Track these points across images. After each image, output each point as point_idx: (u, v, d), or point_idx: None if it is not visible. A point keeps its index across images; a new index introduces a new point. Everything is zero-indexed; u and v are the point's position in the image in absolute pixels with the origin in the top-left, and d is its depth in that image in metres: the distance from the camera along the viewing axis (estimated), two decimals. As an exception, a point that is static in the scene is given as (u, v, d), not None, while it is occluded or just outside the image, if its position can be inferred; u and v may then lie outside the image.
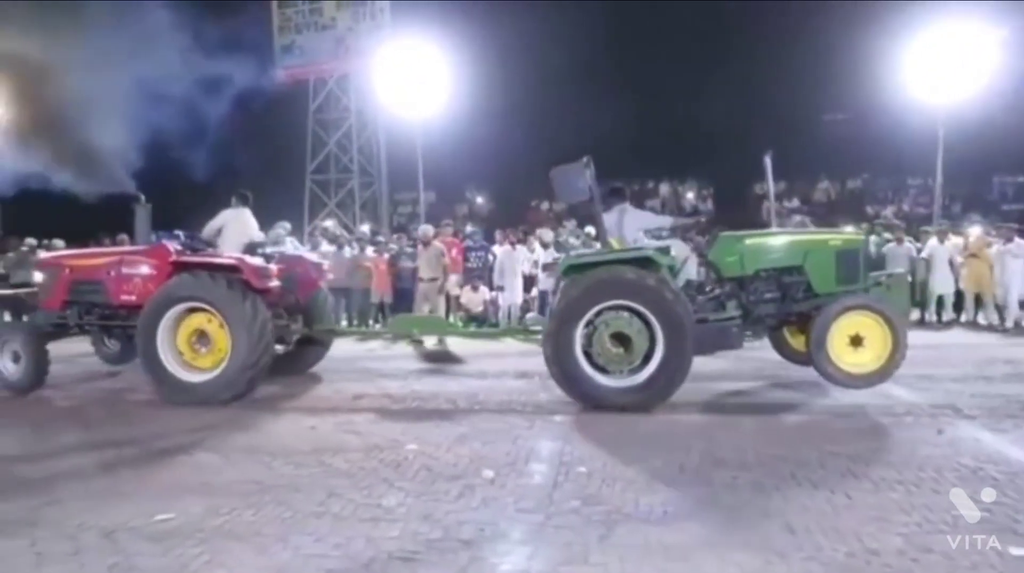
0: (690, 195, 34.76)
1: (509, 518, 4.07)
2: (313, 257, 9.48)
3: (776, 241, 7.32)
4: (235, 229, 8.37)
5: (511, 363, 8.84)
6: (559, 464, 5.01)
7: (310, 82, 24.87)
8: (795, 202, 30.65)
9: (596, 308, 6.57)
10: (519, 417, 6.40)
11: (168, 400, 7.16)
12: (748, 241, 7.21)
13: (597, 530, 3.84)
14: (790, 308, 7.15)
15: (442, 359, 9.77)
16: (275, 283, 7.80)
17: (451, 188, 29.05)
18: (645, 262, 6.69)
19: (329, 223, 15.20)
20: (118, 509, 4.27)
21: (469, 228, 16.10)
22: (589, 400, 6.63)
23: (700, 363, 6.71)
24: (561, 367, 6.61)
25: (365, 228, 14.99)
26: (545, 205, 28.23)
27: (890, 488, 4.37)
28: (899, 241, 12.81)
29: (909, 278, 8.15)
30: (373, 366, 9.07)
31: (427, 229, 11.74)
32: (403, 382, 8.09)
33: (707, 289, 7.27)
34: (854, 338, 6.72)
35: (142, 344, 7.27)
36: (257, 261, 7.74)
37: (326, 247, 12.62)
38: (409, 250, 12.60)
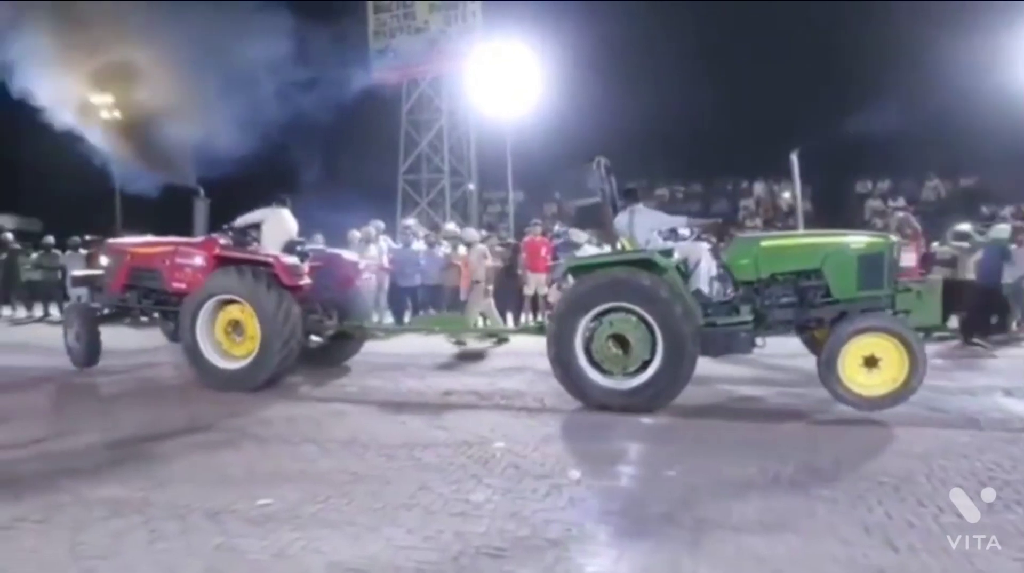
0: (787, 195, 33.58)
1: (596, 520, 4.04)
2: (352, 255, 9.79)
3: (793, 244, 7.08)
4: (274, 228, 8.70)
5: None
6: (647, 467, 4.94)
7: (403, 84, 25.46)
8: (900, 201, 29.10)
9: (596, 309, 6.58)
10: (606, 418, 6.35)
11: (204, 384, 7.70)
12: (763, 244, 7.00)
13: (687, 537, 3.77)
14: (808, 314, 6.82)
15: (529, 357, 9.79)
16: (306, 280, 8.17)
17: (540, 187, 29.12)
18: (647, 264, 6.62)
19: (411, 222, 15.51)
20: (223, 492, 4.50)
21: (557, 227, 16.13)
22: (588, 400, 6.64)
23: (798, 365, 6.48)
24: (563, 368, 6.65)
25: (452, 226, 15.21)
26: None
27: (1008, 509, 4.09)
28: (1020, 243, 11.96)
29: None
30: (460, 363, 9.19)
31: (471, 232, 12.07)
32: (490, 379, 8.17)
33: (725, 292, 7.03)
34: (868, 359, 6.30)
35: (184, 331, 7.81)
36: (291, 259, 8.10)
37: (418, 245, 12.87)
38: (498, 250, 12.71)
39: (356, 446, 5.52)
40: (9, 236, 16.63)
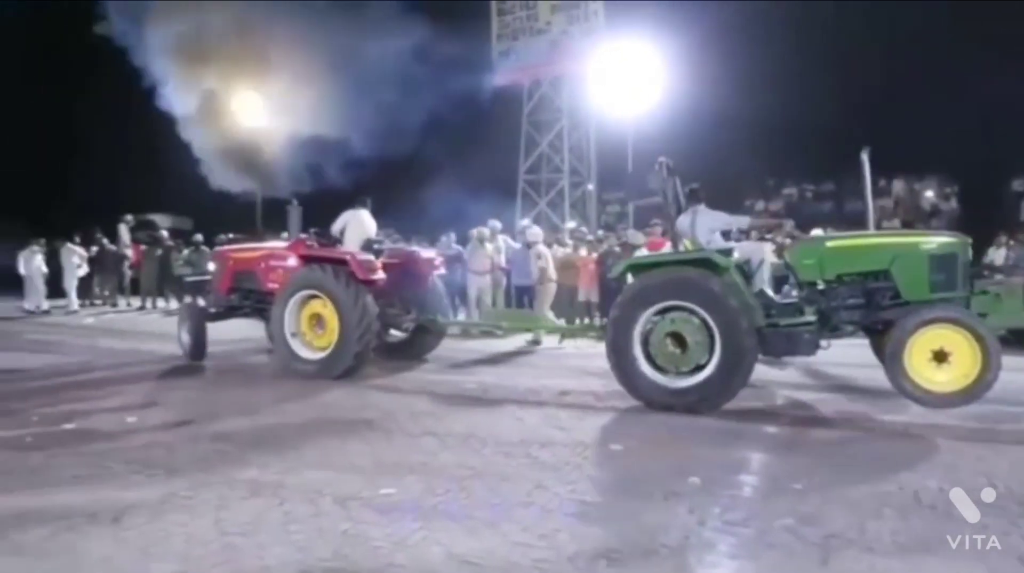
0: (929, 193, 31.33)
1: (716, 528, 3.93)
2: (428, 252, 10.16)
3: (860, 244, 6.89)
4: (355, 228, 9.20)
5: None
6: (772, 478, 4.75)
7: (525, 85, 25.70)
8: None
9: (658, 306, 6.62)
10: (729, 424, 6.16)
11: (290, 373, 8.35)
12: (828, 244, 6.89)
13: (814, 553, 3.59)
14: (876, 316, 6.61)
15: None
16: (380, 275, 8.53)
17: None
18: (707, 264, 6.62)
19: (525, 221, 15.62)
20: (350, 480, 4.71)
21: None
22: (636, 392, 6.70)
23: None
24: (618, 359, 6.75)
25: (571, 225, 15.21)
26: (760, 204, 26.86)
27: None
28: None
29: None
30: (578, 363, 9.18)
31: (536, 232, 12.12)
32: (606, 381, 8.06)
33: (791, 293, 6.96)
34: (938, 353, 6.07)
35: (273, 324, 8.54)
36: (366, 256, 8.57)
37: (540, 247, 12.93)
38: (617, 250, 12.59)
39: (474, 441, 5.64)
40: (164, 234, 18.12)
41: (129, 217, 18.01)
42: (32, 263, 16.16)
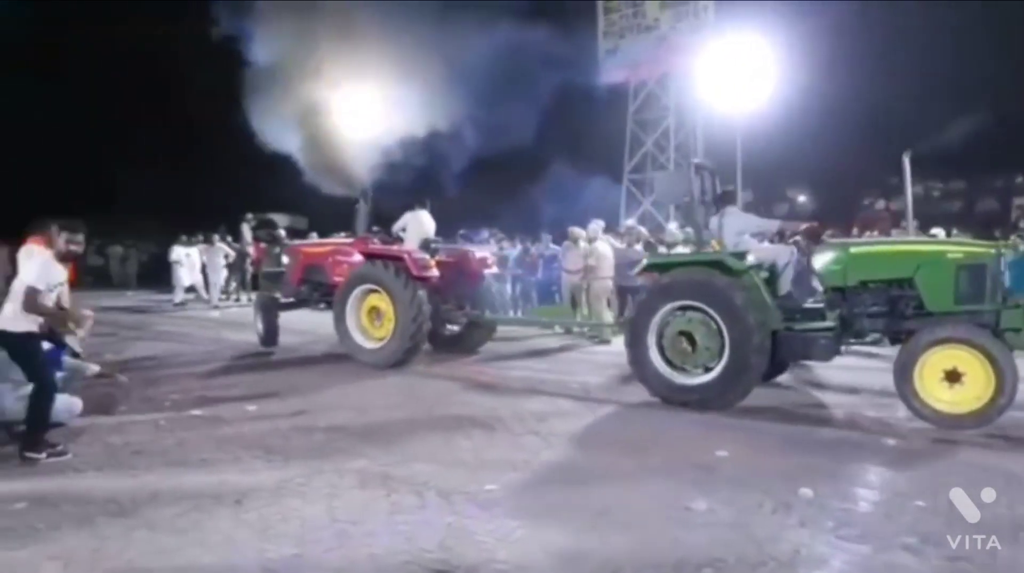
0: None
1: (829, 543, 3.76)
2: (483, 251, 10.65)
3: (884, 251, 6.80)
4: (415, 228, 9.79)
5: (844, 376, 7.89)
6: (891, 493, 4.49)
7: (631, 83, 25.40)
8: None
9: (673, 304, 6.82)
10: (843, 434, 5.88)
11: (355, 358, 8.97)
12: (853, 250, 6.70)
13: (938, 575, 3.38)
14: (899, 325, 6.40)
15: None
16: (433, 272, 9.09)
17: (770, 186, 27.58)
18: (722, 266, 6.70)
19: (630, 221, 15.41)
20: (455, 474, 4.82)
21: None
22: (649, 386, 6.92)
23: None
24: (634, 354, 6.97)
25: (673, 226, 14.88)
26: (881, 203, 25.42)
27: None
28: None
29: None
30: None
31: (578, 231, 12.10)
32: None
33: (814, 297, 6.95)
34: (950, 373, 5.84)
35: (336, 316, 9.16)
36: (421, 254, 9.15)
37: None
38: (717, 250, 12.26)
39: (576, 442, 5.64)
40: (282, 232, 19.06)
41: (250, 216, 19.04)
42: (183, 258, 17.40)
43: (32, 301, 5.08)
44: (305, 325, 11.34)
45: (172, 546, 3.75)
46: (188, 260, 17.54)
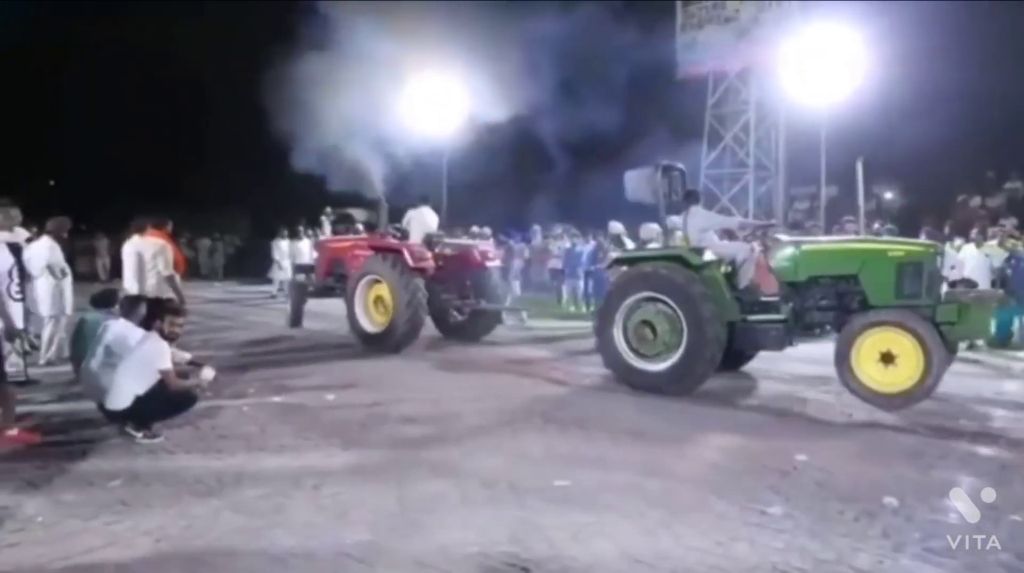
0: None
1: (915, 556, 3.60)
2: (485, 245, 11.47)
3: (832, 249, 7.35)
4: (418, 224, 10.55)
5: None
6: (984, 506, 4.26)
7: (710, 77, 24.82)
8: None
9: (636, 296, 7.43)
10: (930, 441, 5.61)
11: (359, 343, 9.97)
12: (805, 247, 7.25)
13: (1036, 594, 3.19)
14: (846, 318, 6.86)
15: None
16: (429, 264, 9.86)
17: (855, 182, 26.44)
18: (679, 260, 7.31)
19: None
20: (525, 469, 4.84)
21: (876, 225, 14.62)
22: (619, 375, 7.55)
23: None
24: (601, 340, 7.67)
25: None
26: (976, 200, 24.06)
27: None
28: None
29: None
30: (759, 366, 8.76)
31: (650, 227, 11.46)
32: (791, 386, 7.68)
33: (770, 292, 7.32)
34: (885, 355, 6.38)
35: (347, 303, 10.14)
36: (419, 247, 9.98)
37: (717, 241, 12.45)
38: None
39: (647, 440, 5.57)
40: (359, 226, 19.51)
41: (329, 210, 19.55)
42: (281, 250, 18.09)
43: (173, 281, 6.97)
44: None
45: (255, 527, 3.90)
46: (283, 253, 18.21)
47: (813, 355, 9.61)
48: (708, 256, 7.44)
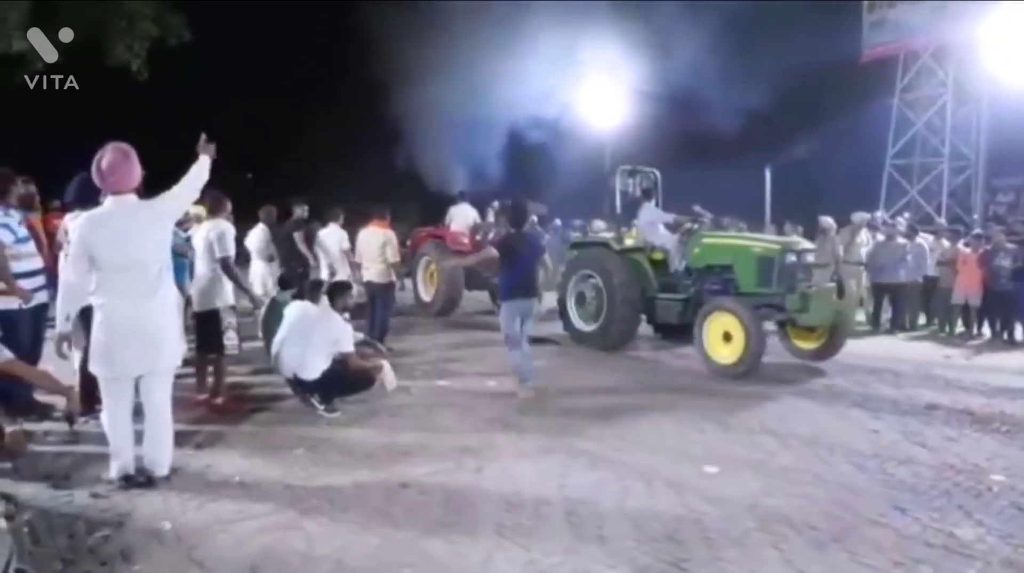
0: None
1: None
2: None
3: (719, 243, 8.64)
4: (460, 217, 12.53)
5: None
6: None
7: (899, 58, 22.79)
8: None
9: (578, 274, 9.47)
10: None
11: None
12: (705, 240, 8.65)
13: None
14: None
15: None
16: (465, 248, 11.65)
17: None
18: (606, 246, 9.45)
19: (902, 218, 13.80)
20: (685, 467, 4.74)
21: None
22: (570, 333, 9.59)
23: None
24: (561, 309, 9.68)
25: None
26: None
27: None
28: None
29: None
30: (948, 375, 7.99)
31: (828, 220, 11.16)
32: (987, 400, 6.91)
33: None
34: (725, 334, 7.63)
35: (412, 278, 12.61)
36: (460, 234, 12.11)
37: (901, 240, 11.46)
38: (1010, 246, 10.62)
39: (819, 447, 5.25)
40: (534, 218, 19.83)
41: (496, 203, 20.08)
42: None
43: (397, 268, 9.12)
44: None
45: (420, 503, 4.11)
46: None
47: (1010, 365, 8.66)
48: (629, 243, 9.49)
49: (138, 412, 4.36)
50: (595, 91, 18.55)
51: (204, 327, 6.03)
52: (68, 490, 4.19)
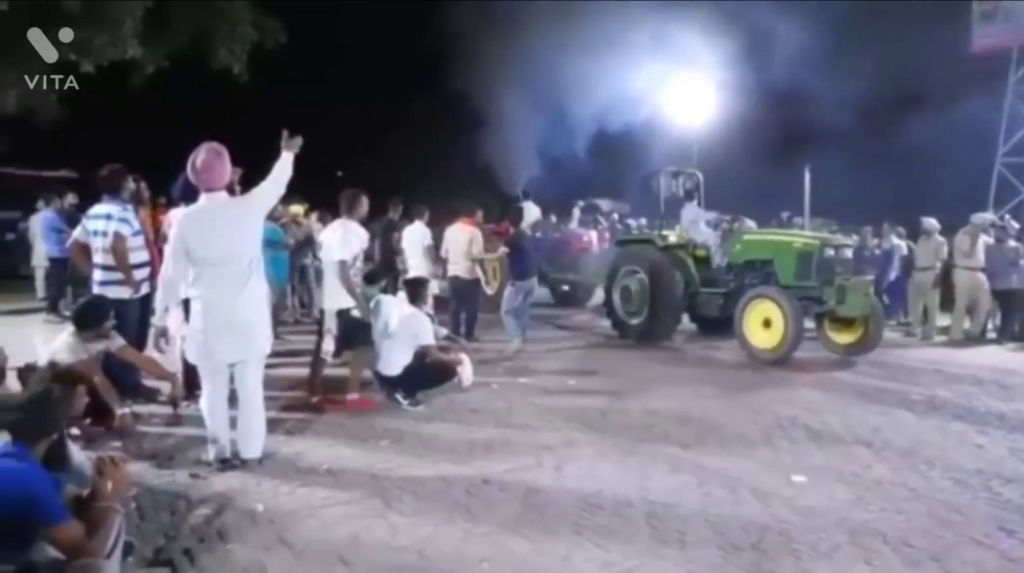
0: None
1: None
2: (587, 232, 14.62)
3: (760, 239, 9.21)
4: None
5: None
6: None
7: (1013, 50, 21.35)
8: None
9: (624, 269, 9.74)
10: None
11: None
12: (745, 237, 9.22)
13: None
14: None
15: None
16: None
17: None
18: (650, 242, 9.82)
19: (987, 215, 12.94)
20: (771, 475, 4.60)
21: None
22: (616, 327, 9.88)
23: None
24: (608, 302, 9.97)
25: (1015, 222, 12.13)
26: None
27: None
28: None
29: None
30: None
31: (931, 222, 10.79)
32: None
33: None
34: (765, 321, 8.13)
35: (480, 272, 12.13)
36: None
37: (986, 238, 10.66)
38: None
39: (917, 461, 4.99)
40: (615, 216, 19.69)
41: (581, 203, 20.01)
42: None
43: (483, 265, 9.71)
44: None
45: (500, 499, 4.14)
46: None
47: None
48: (673, 239, 9.78)
49: (233, 399, 4.57)
50: (684, 89, 18.24)
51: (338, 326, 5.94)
52: (171, 470, 4.44)
